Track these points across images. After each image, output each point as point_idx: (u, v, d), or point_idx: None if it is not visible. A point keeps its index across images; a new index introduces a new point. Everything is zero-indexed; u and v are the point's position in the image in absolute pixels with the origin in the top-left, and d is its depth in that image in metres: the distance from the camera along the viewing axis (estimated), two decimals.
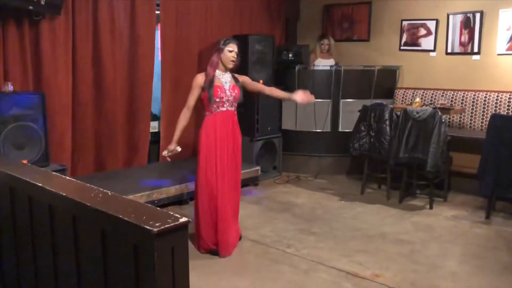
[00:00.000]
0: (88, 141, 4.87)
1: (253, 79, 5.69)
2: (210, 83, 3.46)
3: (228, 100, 3.52)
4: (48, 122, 4.21)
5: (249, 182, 5.44)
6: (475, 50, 5.57)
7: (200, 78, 3.51)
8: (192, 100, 3.53)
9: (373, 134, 4.94)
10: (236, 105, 3.62)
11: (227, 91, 3.51)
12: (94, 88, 4.86)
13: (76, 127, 4.75)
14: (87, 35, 4.69)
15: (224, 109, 3.54)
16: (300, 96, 3.67)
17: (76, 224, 1.92)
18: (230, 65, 3.55)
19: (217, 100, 3.47)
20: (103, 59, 4.85)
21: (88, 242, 1.87)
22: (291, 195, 5.17)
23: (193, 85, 3.51)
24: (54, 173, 2.51)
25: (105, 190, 2.01)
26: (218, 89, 3.47)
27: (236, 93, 3.56)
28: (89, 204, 1.83)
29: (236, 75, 3.67)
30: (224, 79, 3.54)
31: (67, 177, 2.44)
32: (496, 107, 5.35)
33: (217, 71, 3.54)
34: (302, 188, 5.49)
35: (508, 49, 5.33)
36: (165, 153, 3.60)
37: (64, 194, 1.95)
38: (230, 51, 3.51)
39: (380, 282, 3.13)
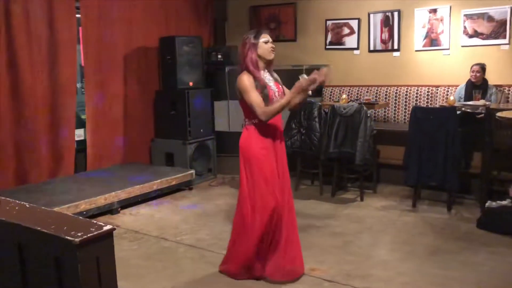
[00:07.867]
0: (6, 152, 4.55)
1: (182, 81, 5.67)
2: (264, 84, 3.02)
3: (277, 100, 3.03)
4: None
5: (184, 186, 5.35)
6: (395, 47, 5.85)
7: (248, 78, 3.00)
8: (260, 98, 2.97)
9: (303, 131, 5.03)
10: None
11: (275, 92, 3.08)
12: (10, 95, 4.56)
13: None
14: None
15: None
16: (320, 76, 2.97)
17: None
18: (271, 56, 3.12)
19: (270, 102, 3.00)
20: (20, 64, 4.57)
21: (5, 258, 1.73)
22: (227, 197, 5.14)
23: (249, 85, 2.97)
24: None
25: (22, 202, 1.87)
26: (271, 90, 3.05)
27: (280, 89, 3.14)
28: (3, 218, 1.69)
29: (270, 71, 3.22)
30: (266, 78, 3.10)
31: None
32: (416, 100, 5.65)
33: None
34: (238, 189, 5.46)
35: (424, 46, 5.65)
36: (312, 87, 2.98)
37: None
38: (266, 42, 3.11)
39: (316, 275, 3.18)
